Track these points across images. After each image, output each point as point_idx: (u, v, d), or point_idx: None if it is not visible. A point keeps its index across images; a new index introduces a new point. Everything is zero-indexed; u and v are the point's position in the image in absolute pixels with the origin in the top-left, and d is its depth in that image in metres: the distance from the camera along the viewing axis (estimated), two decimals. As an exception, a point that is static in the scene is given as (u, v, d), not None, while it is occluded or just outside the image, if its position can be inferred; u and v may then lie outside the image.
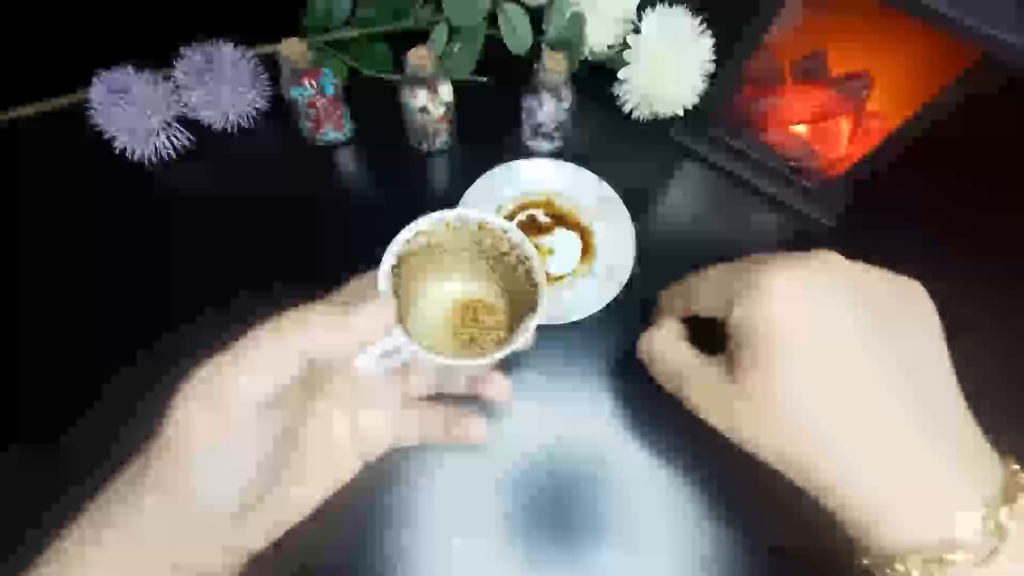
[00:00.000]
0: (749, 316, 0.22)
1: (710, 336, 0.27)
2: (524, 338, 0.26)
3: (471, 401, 0.31)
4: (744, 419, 0.23)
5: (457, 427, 0.29)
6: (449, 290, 0.31)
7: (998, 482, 0.20)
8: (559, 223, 0.43)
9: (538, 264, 0.27)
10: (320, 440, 0.26)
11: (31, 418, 0.35)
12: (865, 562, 0.22)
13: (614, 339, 0.39)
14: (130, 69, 0.42)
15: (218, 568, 0.23)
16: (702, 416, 0.26)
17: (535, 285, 0.27)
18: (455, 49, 0.46)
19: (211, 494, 0.21)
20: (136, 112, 0.41)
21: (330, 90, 0.41)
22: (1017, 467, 0.21)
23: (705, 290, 0.27)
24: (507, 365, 0.38)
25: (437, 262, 0.29)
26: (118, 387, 0.35)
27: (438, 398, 0.31)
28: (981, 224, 0.46)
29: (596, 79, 0.48)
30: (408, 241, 0.26)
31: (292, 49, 0.38)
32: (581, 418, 0.37)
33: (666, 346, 0.29)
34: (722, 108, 0.46)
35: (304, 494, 0.25)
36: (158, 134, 0.42)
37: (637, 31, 0.44)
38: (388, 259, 0.25)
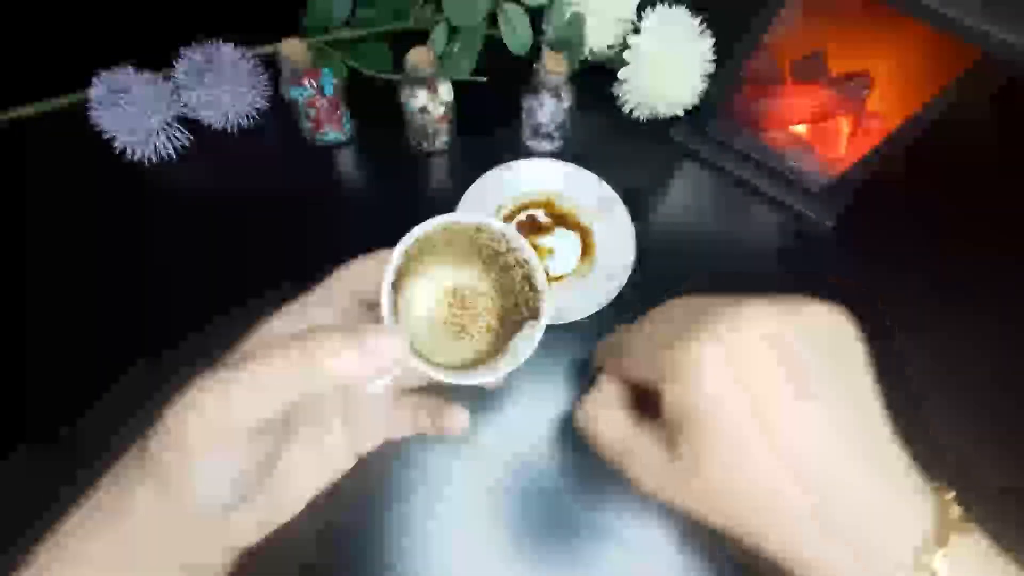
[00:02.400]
0: (679, 401, 0.22)
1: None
2: (531, 347, 0.25)
3: (455, 390, 0.31)
4: (689, 499, 0.23)
5: (441, 419, 0.29)
6: (437, 279, 0.30)
7: (931, 520, 0.20)
8: (559, 223, 0.43)
9: (538, 269, 0.26)
10: (312, 440, 0.26)
11: (37, 413, 0.35)
12: None
13: (614, 339, 0.39)
14: (130, 69, 0.42)
15: (213, 564, 0.23)
16: (647, 496, 0.24)
17: (535, 290, 0.26)
18: (455, 49, 0.46)
19: (204, 496, 0.21)
20: (136, 112, 0.41)
21: (330, 90, 0.41)
22: (950, 497, 0.21)
23: (632, 365, 0.25)
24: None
25: (428, 256, 0.29)
26: (121, 384, 0.35)
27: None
28: (981, 224, 0.46)
29: (596, 79, 0.48)
30: (405, 253, 0.25)
31: (292, 49, 0.38)
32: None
33: (601, 420, 0.26)
34: (722, 108, 0.46)
35: (296, 491, 0.25)
36: (158, 134, 0.42)
37: (637, 31, 0.44)
38: (387, 284, 0.23)
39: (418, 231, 0.25)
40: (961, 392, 0.39)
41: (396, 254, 0.24)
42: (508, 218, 0.43)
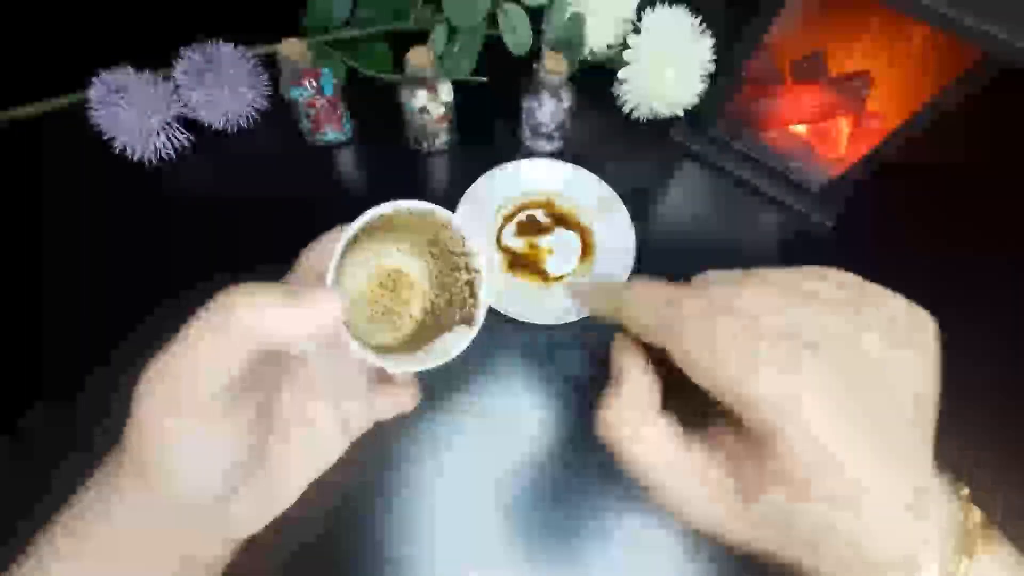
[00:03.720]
0: (779, 394, 0.17)
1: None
2: (459, 350, 0.25)
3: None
4: (771, 530, 0.19)
5: (391, 397, 0.28)
6: (379, 257, 0.29)
7: (955, 531, 0.19)
8: (559, 223, 0.43)
9: (486, 281, 0.26)
10: (302, 429, 0.26)
11: (31, 417, 0.35)
12: None
13: (613, 339, 0.39)
14: (130, 69, 0.42)
15: (213, 556, 0.23)
16: (701, 531, 0.20)
17: (475, 299, 0.26)
18: (455, 49, 0.46)
19: (190, 486, 0.21)
20: (136, 112, 0.41)
21: (330, 90, 0.41)
22: (970, 511, 0.20)
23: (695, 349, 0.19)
24: (508, 365, 0.38)
25: (384, 232, 0.28)
26: (120, 385, 0.35)
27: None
28: (981, 224, 0.46)
29: (596, 79, 0.48)
30: (365, 224, 0.24)
31: (292, 49, 0.38)
32: (580, 417, 0.37)
33: (635, 428, 0.21)
34: (722, 108, 0.46)
35: (291, 481, 0.25)
36: (158, 134, 0.42)
37: (637, 31, 0.44)
38: (339, 249, 0.23)
39: (387, 207, 0.24)
40: (961, 393, 0.39)
41: (358, 223, 0.23)
42: (508, 218, 0.43)
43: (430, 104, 0.41)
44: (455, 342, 0.25)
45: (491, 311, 0.38)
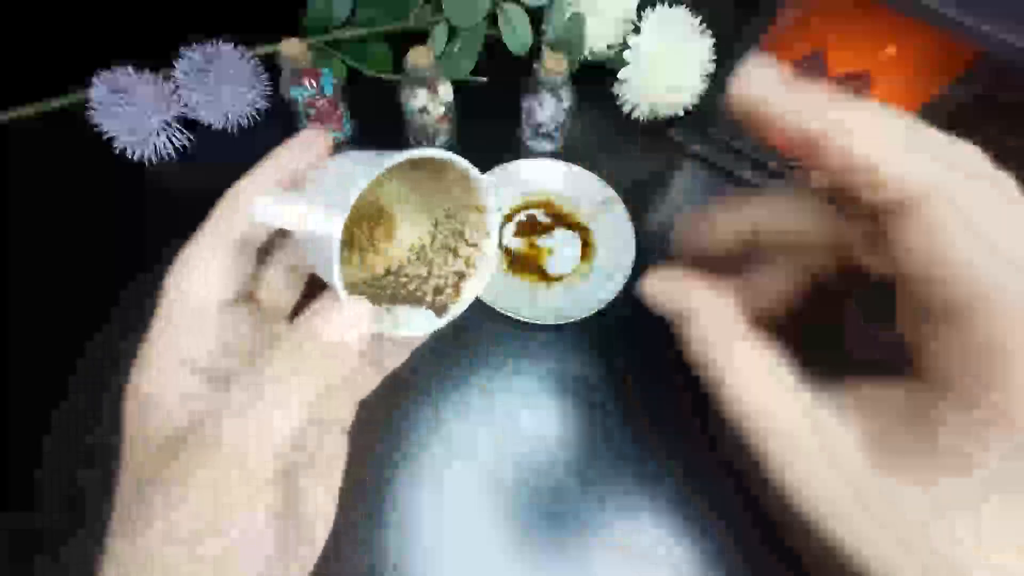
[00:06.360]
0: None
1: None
2: (411, 331, 0.21)
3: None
4: None
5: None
6: (377, 183, 0.21)
7: None
8: (559, 223, 0.43)
9: (477, 287, 0.23)
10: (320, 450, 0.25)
11: (25, 414, 0.35)
12: None
13: (613, 339, 0.39)
14: (130, 69, 0.42)
15: None
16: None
17: (458, 292, 0.23)
18: (455, 49, 0.46)
19: None
20: (136, 112, 0.41)
21: (330, 90, 0.41)
22: None
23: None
24: (507, 365, 0.38)
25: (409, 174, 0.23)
26: (118, 387, 0.35)
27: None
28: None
29: (596, 79, 0.48)
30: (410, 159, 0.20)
31: (292, 49, 0.38)
32: (580, 418, 0.37)
33: (722, 343, 0.17)
34: (722, 108, 0.46)
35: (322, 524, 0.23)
36: (158, 134, 0.42)
37: (637, 31, 0.44)
38: (366, 181, 0.18)
39: (439, 153, 0.20)
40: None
41: (400, 157, 0.19)
42: (508, 218, 0.43)
43: (430, 104, 0.41)
44: (414, 320, 0.22)
45: (490, 310, 0.38)
